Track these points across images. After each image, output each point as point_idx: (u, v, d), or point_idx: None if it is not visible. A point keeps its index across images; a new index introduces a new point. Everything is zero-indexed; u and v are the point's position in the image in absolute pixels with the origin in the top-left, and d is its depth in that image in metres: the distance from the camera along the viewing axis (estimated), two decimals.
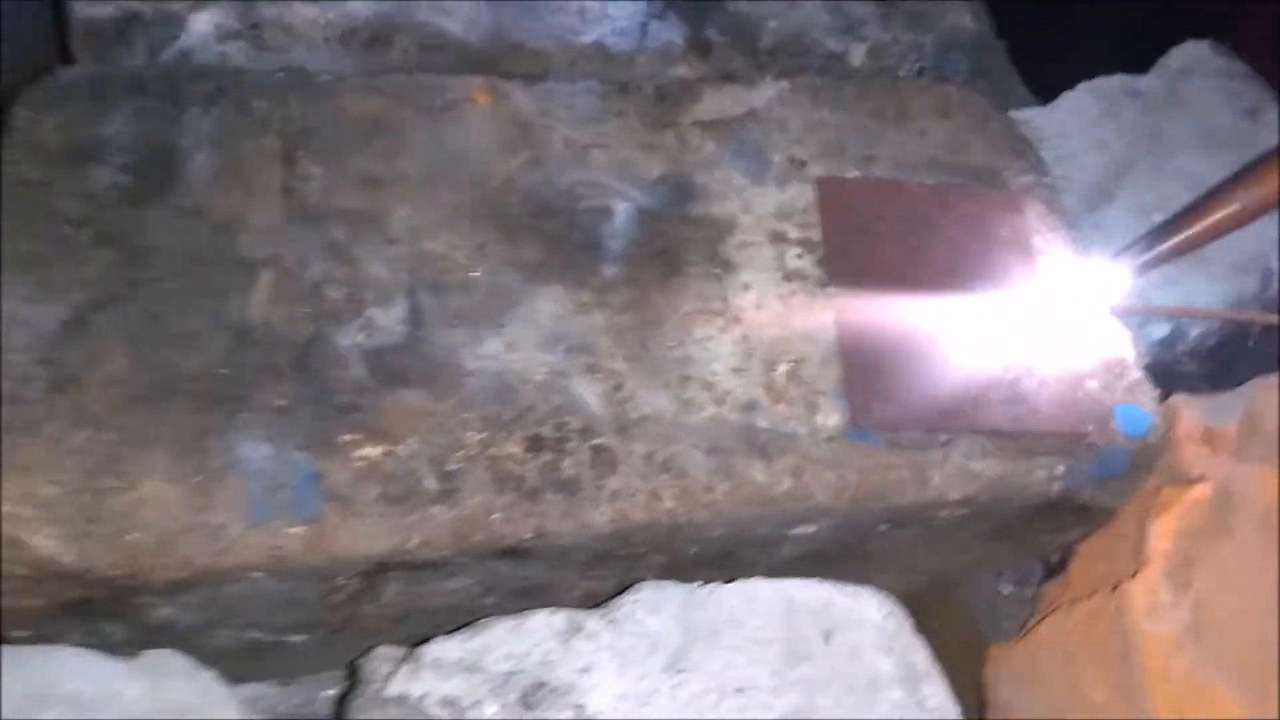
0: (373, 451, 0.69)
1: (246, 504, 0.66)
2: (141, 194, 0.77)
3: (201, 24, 0.92)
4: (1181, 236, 0.70)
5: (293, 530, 0.65)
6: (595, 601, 0.73)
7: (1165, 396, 0.84)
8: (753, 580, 0.72)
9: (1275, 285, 0.90)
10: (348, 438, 0.69)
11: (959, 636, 0.92)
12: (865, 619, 0.70)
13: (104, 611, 0.67)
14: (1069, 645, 0.77)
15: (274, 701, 0.84)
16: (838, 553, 0.80)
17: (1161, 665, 0.69)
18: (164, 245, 0.75)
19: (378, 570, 0.68)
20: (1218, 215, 0.69)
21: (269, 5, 0.93)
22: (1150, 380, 0.79)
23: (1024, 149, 0.91)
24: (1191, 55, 1.05)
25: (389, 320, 0.75)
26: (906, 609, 1.02)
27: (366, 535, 0.66)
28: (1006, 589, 0.92)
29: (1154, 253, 0.70)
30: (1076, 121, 0.97)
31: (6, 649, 0.65)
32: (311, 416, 0.70)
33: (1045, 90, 1.11)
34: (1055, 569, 0.89)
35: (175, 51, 0.92)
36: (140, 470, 0.66)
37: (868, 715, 0.66)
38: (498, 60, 0.95)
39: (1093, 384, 0.78)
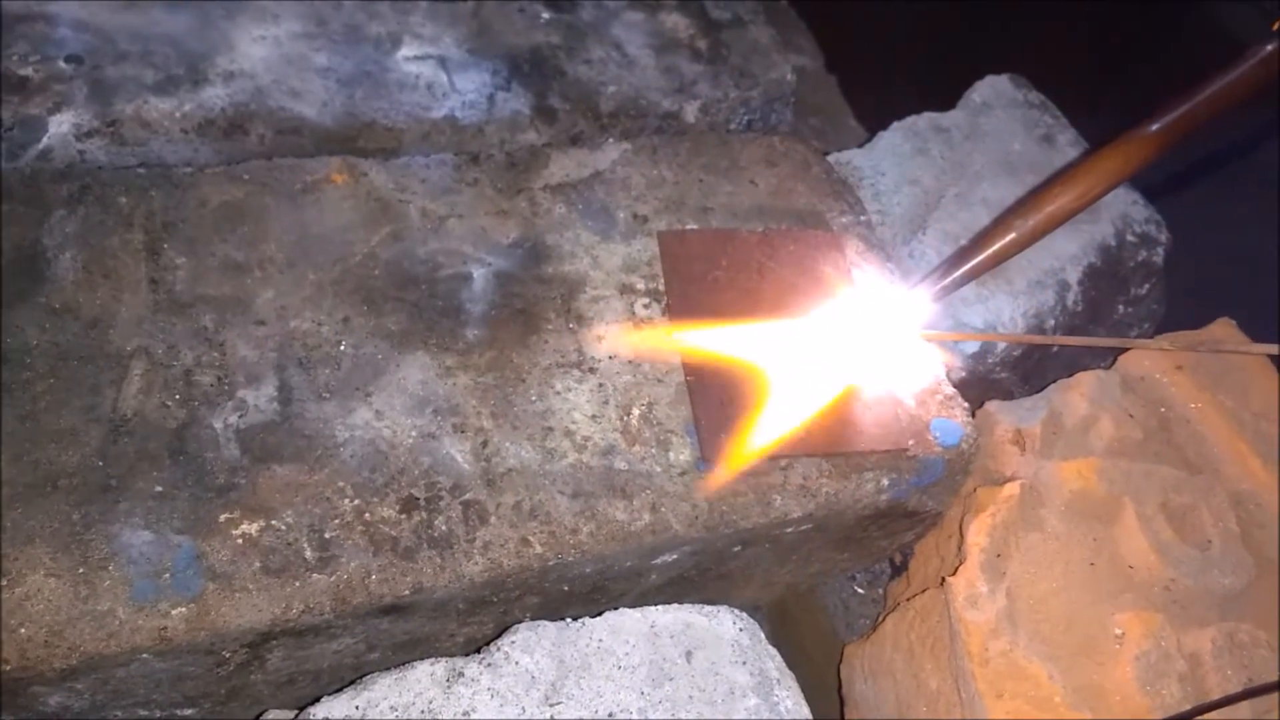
0: (251, 527, 0.73)
1: (131, 589, 0.69)
2: (10, 298, 0.80)
3: (61, 125, 0.95)
4: (969, 265, 0.79)
5: (177, 610, 0.69)
6: (476, 646, 0.79)
7: (980, 403, 0.94)
8: (620, 611, 0.78)
9: (1070, 296, 1.01)
10: (226, 516, 0.73)
11: (820, 639, 1.00)
12: (722, 635, 0.77)
13: None
14: (910, 639, 0.86)
15: None
16: (699, 575, 0.87)
17: (981, 649, 0.77)
18: (35, 346, 0.79)
19: (262, 640, 0.72)
20: (999, 244, 0.78)
21: (126, 102, 0.96)
22: (961, 395, 0.88)
23: (842, 190, 1.00)
24: (992, 89, 1.16)
25: (260, 400, 0.79)
26: (772, 617, 1.10)
27: (249, 608, 0.70)
28: (859, 590, 1.00)
29: (946, 281, 0.79)
30: (891, 159, 1.07)
31: None
32: (189, 499, 0.74)
33: (872, 116, 1.21)
34: (899, 569, 0.98)
35: (36, 152, 0.94)
36: (25, 566, 0.69)
37: None
38: (353, 139, 1.01)
39: (910, 403, 0.87)
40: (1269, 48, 0.73)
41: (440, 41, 1.08)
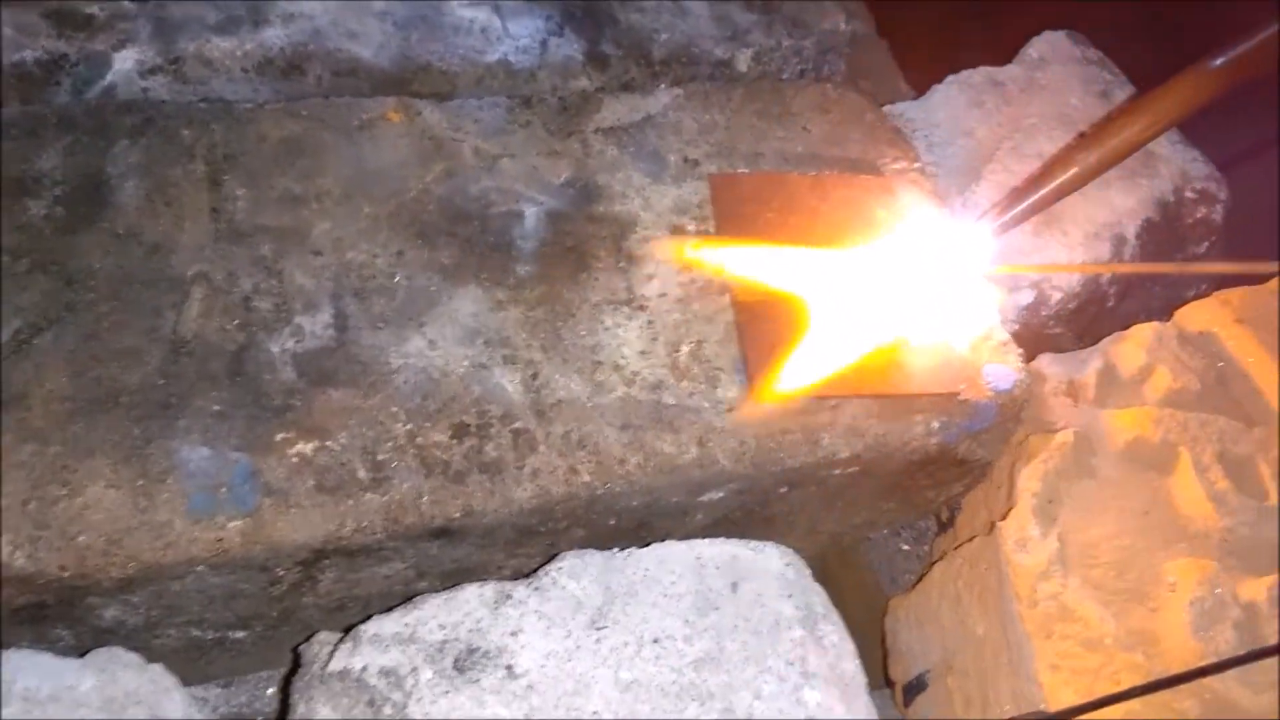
0: (306, 447, 0.74)
1: (188, 502, 0.71)
2: (75, 222, 0.82)
3: (125, 61, 0.96)
4: (1034, 198, 0.78)
5: (233, 523, 0.70)
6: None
7: (1032, 357, 0.92)
8: (667, 543, 0.78)
9: (1127, 251, 0.99)
10: (282, 436, 0.74)
11: (864, 596, 0.99)
12: (768, 569, 0.77)
13: (54, 615, 0.71)
14: (957, 586, 0.85)
15: (217, 703, 0.88)
16: (744, 518, 0.87)
17: (1030, 591, 0.76)
18: (99, 269, 0.80)
19: (315, 558, 0.73)
20: (1063, 177, 0.77)
21: (188, 40, 0.98)
22: (1015, 342, 0.87)
23: (897, 139, 0.99)
24: (1049, 45, 1.14)
25: (316, 326, 0.80)
26: (815, 573, 1.10)
27: (303, 524, 0.71)
28: (905, 548, 1.00)
29: (1010, 215, 0.78)
30: (945, 112, 1.06)
31: None
32: (247, 419, 0.75)
33: (925, 84, 1.20)
34: (946, 525, 0.97)
35: (100, 89, 0.96)
36: (85, 477, 0.70)
37: (771, 653, 0.72)
38: (408, 81, 1.01)
39: (963, 347, 0.86)
40: None
41: None
